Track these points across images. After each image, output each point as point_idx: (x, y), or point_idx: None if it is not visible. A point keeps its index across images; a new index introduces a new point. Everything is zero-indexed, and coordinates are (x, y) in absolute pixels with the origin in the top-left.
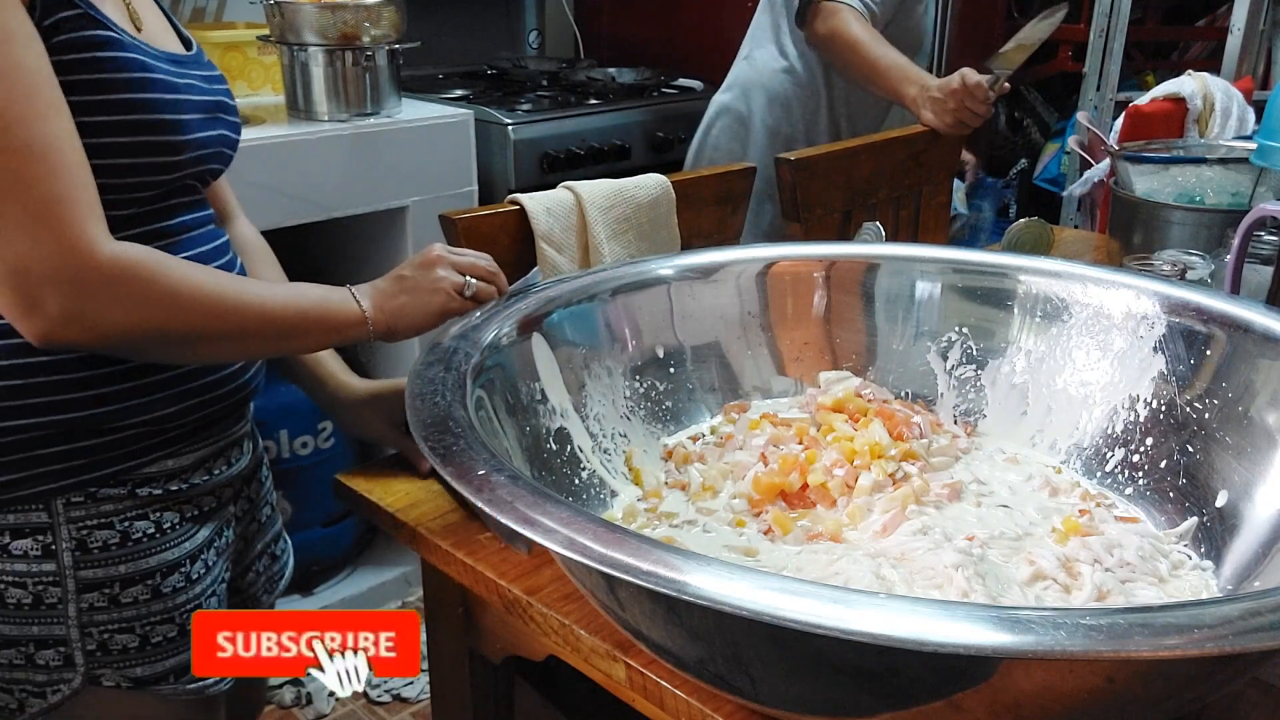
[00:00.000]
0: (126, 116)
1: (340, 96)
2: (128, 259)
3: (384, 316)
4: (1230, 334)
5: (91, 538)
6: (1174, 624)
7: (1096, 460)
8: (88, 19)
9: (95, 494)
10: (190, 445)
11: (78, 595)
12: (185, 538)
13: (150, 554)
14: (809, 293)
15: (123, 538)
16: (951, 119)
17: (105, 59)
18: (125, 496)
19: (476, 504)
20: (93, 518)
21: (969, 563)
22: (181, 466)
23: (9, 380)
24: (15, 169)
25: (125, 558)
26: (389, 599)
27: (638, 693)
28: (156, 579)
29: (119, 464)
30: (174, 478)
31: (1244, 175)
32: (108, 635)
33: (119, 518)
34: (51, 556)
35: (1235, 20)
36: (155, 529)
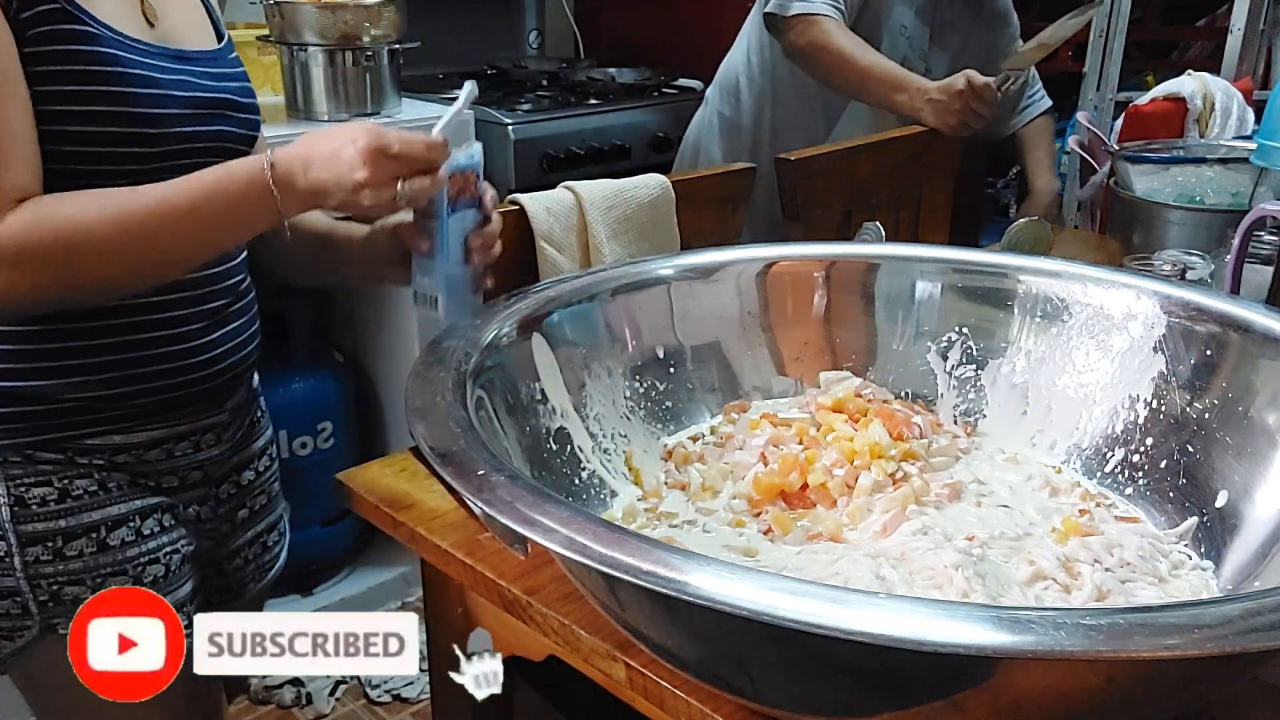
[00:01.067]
0: (97, 108)
1: (340, 96)
2: (17, 230)
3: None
4: (1230, 334)
5: (29, 494)
6: (1174, 624)
7: (1096, 460)
8: (65, 13)
9: (32, 456)
10: (143, 424)
11: (20, 549)
12: (134, 497)
13: (92, 509)
14: (809, 293)
15: (61, 494)
16: (955, 120)
17: (79, 52)
18: (64, 462)
19: (476, 504)
20: (30, 476)
21: (969, 563)
22: (131, 443)
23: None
24: None
25: (65, 513)
26: (389, 599)
27: (638, 693)
28: (101, 532)
29: (57, 432)
30: (121, 451)
31: (1244, 175)
32: (57, 587)
33: (56, 476)
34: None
35: (1235, 20)
36: (99, 487)
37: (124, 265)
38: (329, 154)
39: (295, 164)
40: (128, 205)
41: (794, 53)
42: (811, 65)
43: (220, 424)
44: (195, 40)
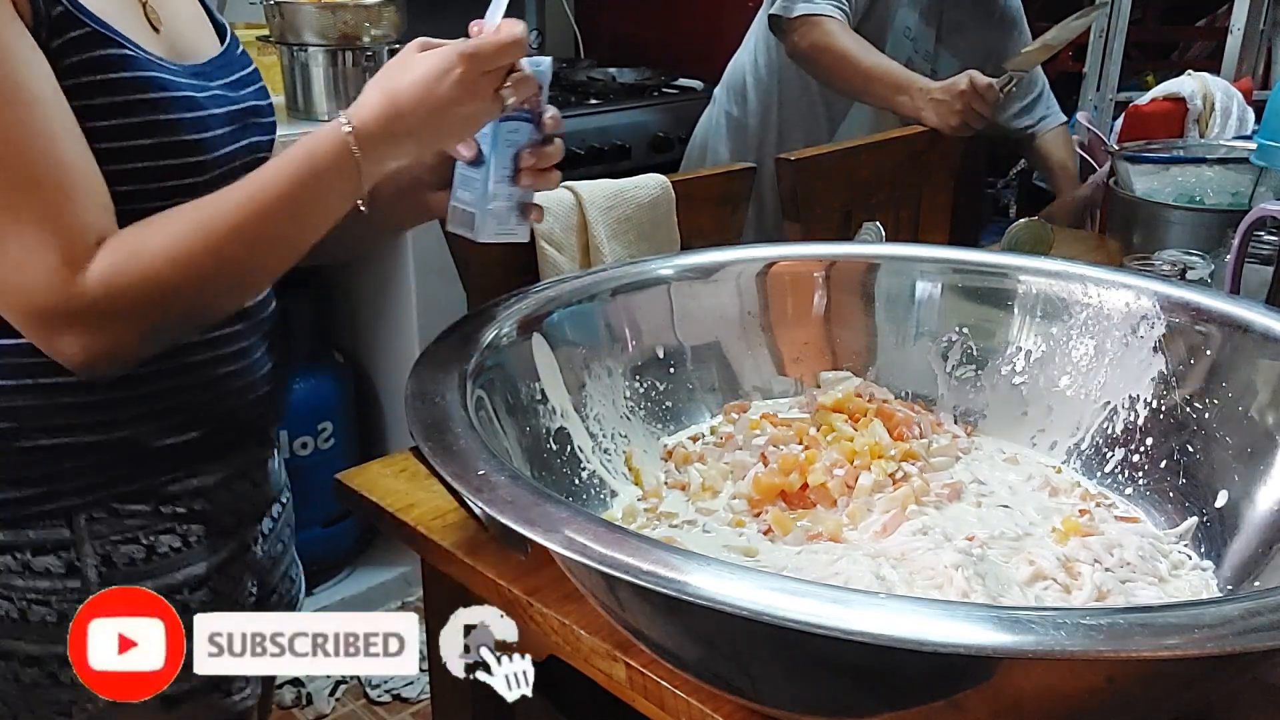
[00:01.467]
0: (146, 140)
1: (340, 97)
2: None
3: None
4: (1230, 334)
5: (116, 553)
6: (1174, 624)
7: (1096, 460)
8: (98, 37)
9: (118, 510)
10: (213, 465)
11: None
12: (211, 551)
13: (176, 568)
14: (809, 293)
15: (148, 552)
16: (957, 120)
17: (120, 80)
18: (149, 513)
19: (476, 504)
20: (117, 532)
21: (969, 563)
22: (205, 485)
23: (30, 399)
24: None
25: (151, 573)
26: (389, 599)
27: (638, 693)
28: (184, 594)
29: (143, 480)
30: (197, 496)
31: (1244, 175)
32: None
33: (144, 532)
34: (76, 573)
35: (1235, 20)
36: (181, 543)
37: (222, 287)
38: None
39: (380, 122)
40: (215, 219)
41: (796, 54)
42: (814, 66)
43: (268, 457)
44: (202, 45)
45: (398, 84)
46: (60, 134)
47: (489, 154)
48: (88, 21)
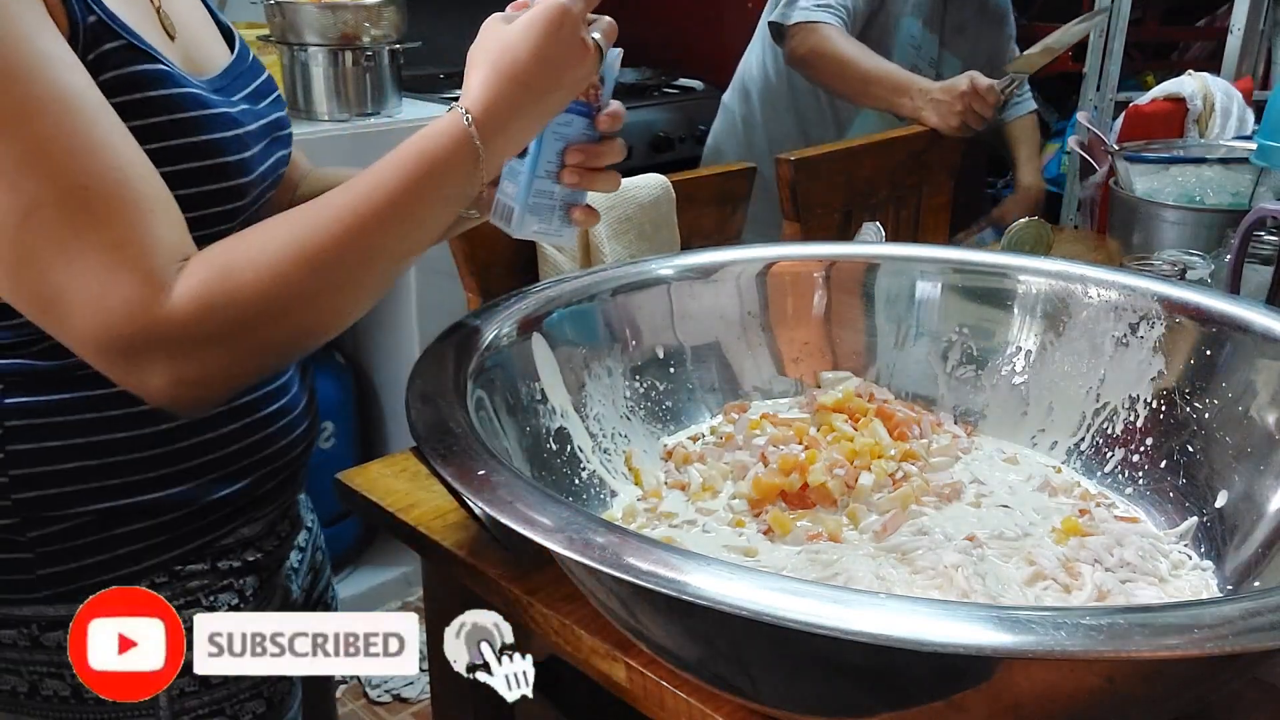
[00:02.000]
0: (190, 164)
1: (341, 96)
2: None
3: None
4: (1230, 334)
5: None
6: (1174, 624)
7: (1096, 460)
8: (134, 51)
9: (179, 572)
10: (261, 511)
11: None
12: (264, 602)
13: None
14: (809, 293)
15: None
16: (957, 121)
17: (158, 99)
18: (208, 573)
19: (476, 504)
20: (179, 596)
21: (969, 563)
22: (256, 534)
23: (78, 460)
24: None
25: None
26: (389, 599)
27: (638, 693)
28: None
29: (200, 538)
30: (249, 546)
31: (1244, 175)
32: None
33: (204, 593)
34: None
35: (1235, 20)
36: (239, 599)
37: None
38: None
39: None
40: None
41: (795, 60)
42: (813, 72)
43: (300, 491)
44: (214, 52)
45: (509, 56)
46: (122, 146)
47: (534, 145)
48: (122, 34)
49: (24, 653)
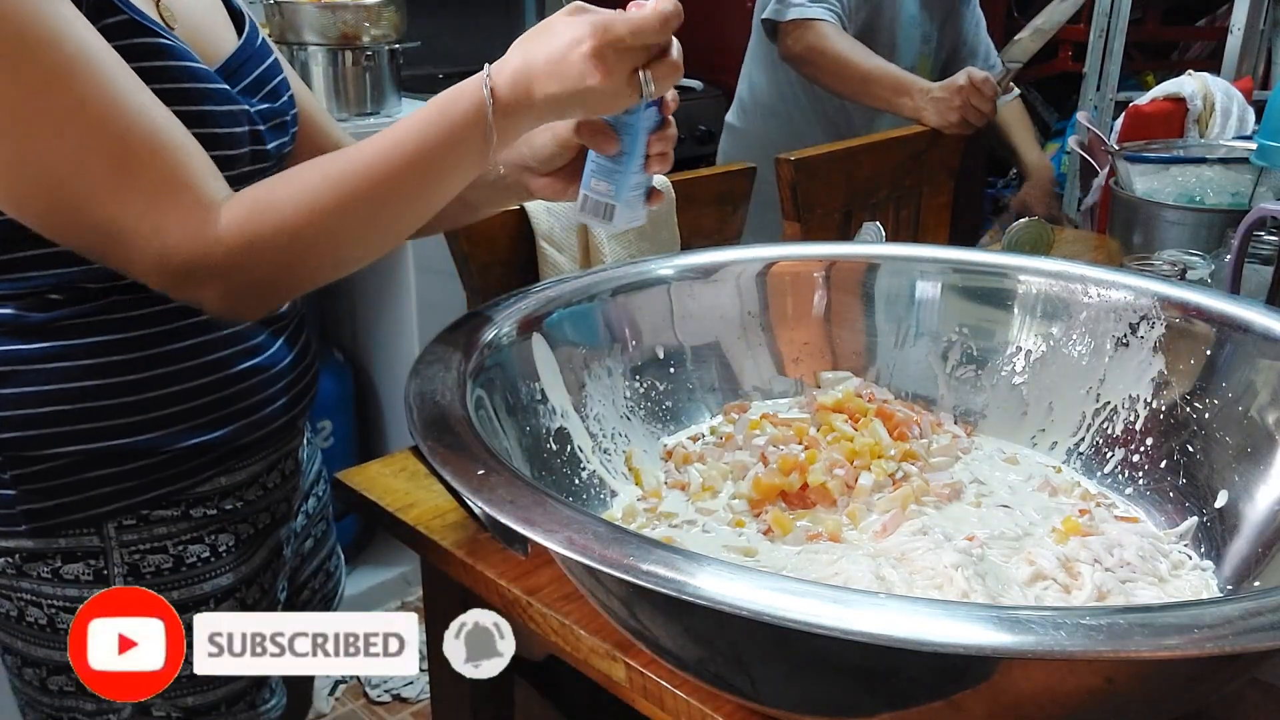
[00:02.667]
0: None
1: (340, 96)
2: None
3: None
4: (1230, 334)
5: (144, 562)
6: (1174, 624)
7: (1096, 460)
8: (134, 25)
9: (148, 516)
10: (242, 461)
11: None
12: (241, 561)
13: (204, 579)
14: (809, 293)
15: (176, 562)
16: (957, 117)
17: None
18: (179, 518)
19: (476, 504)
20: (145, 541)
21: (969, 563)
22: (235, 483)
23: (57, 405)
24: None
25: (178, 583)
26: (389, 599)
27: (638, 693)
28: (210, 605)
29: (171, 484)
30: (228, 495)
31: (1244, 175)
32: None
33: (172, 541)
34: (103, 581)
35: (1235, 20)
36: (210, 552)
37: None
38: (550, 63)
39: (516, 88)
40: (345, 174)
41: (791, 58)
42: (810, 70)
43: (298, 447)
44: (219, 39)
45: (534, 47)
46: (147, 98)
47: (631, 145)
48: (123, 8)
49: (12, 579)
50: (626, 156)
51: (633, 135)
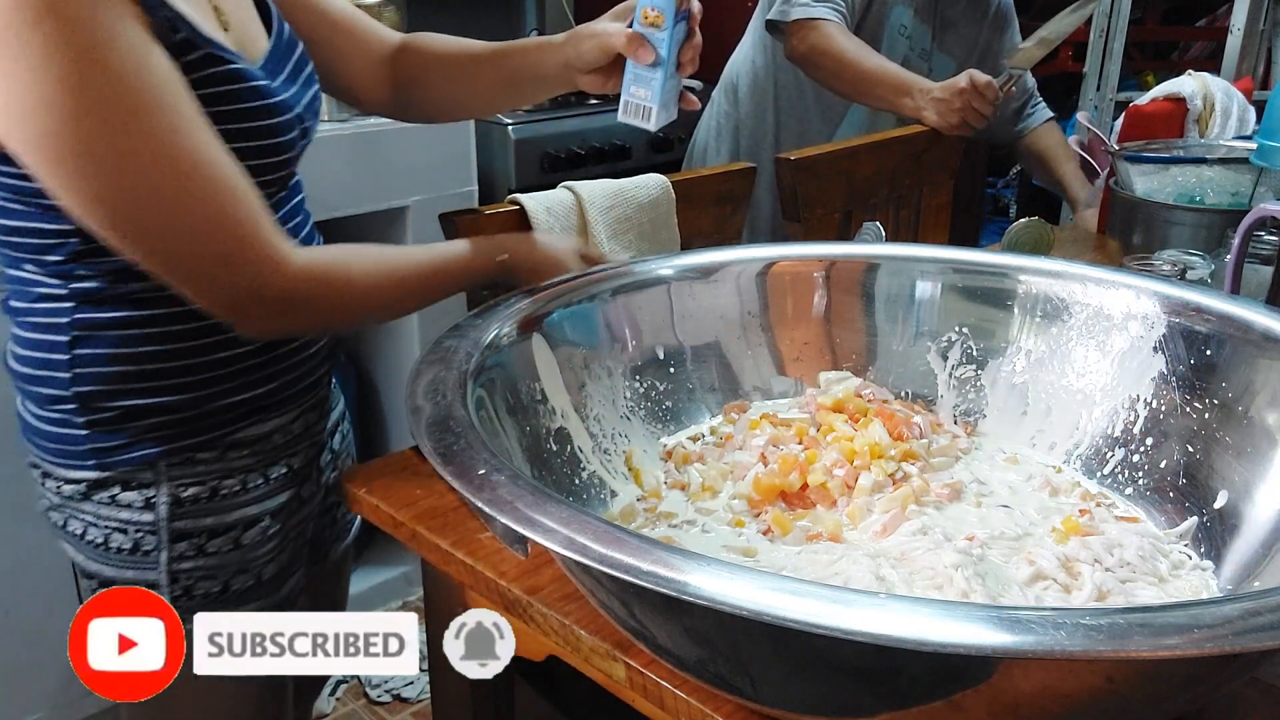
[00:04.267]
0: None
1: None
2: (313, 270)
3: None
4: (1230, 334)
5: (185, 493)
6: (1174, 624)
7: (1096, 460)
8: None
9: (192, 457)
10: (275, 413)
11: (169, 544)
12: (267, 496)
13: (233, 509)
14: (809, 293)
15: (211, 493)
16: (957, 119)
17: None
18: (217, 459)
19: (476, 504)
20: (188, 476)
21: (969, 563)
22: (265, 431)
23: (124, 366)
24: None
25: (213, 511)
26: (389, 599)
27: (638, 693)
28: (238, 530)
29: (212, 432)
30: (258, 441)
31: (1244, 175)
32: (192, 582)
33: (210, 476)
34: (151, 508)
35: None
36: (240, 486)
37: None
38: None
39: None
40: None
41: (796, 58)
42: (814, 70)
43: (325, 396)
44: (258, 33)
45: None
46: (213, 136)
47: (667, 55)
48: (203, 43)
49: (80, 503)
50: (662, 65)
51: (668, 45)
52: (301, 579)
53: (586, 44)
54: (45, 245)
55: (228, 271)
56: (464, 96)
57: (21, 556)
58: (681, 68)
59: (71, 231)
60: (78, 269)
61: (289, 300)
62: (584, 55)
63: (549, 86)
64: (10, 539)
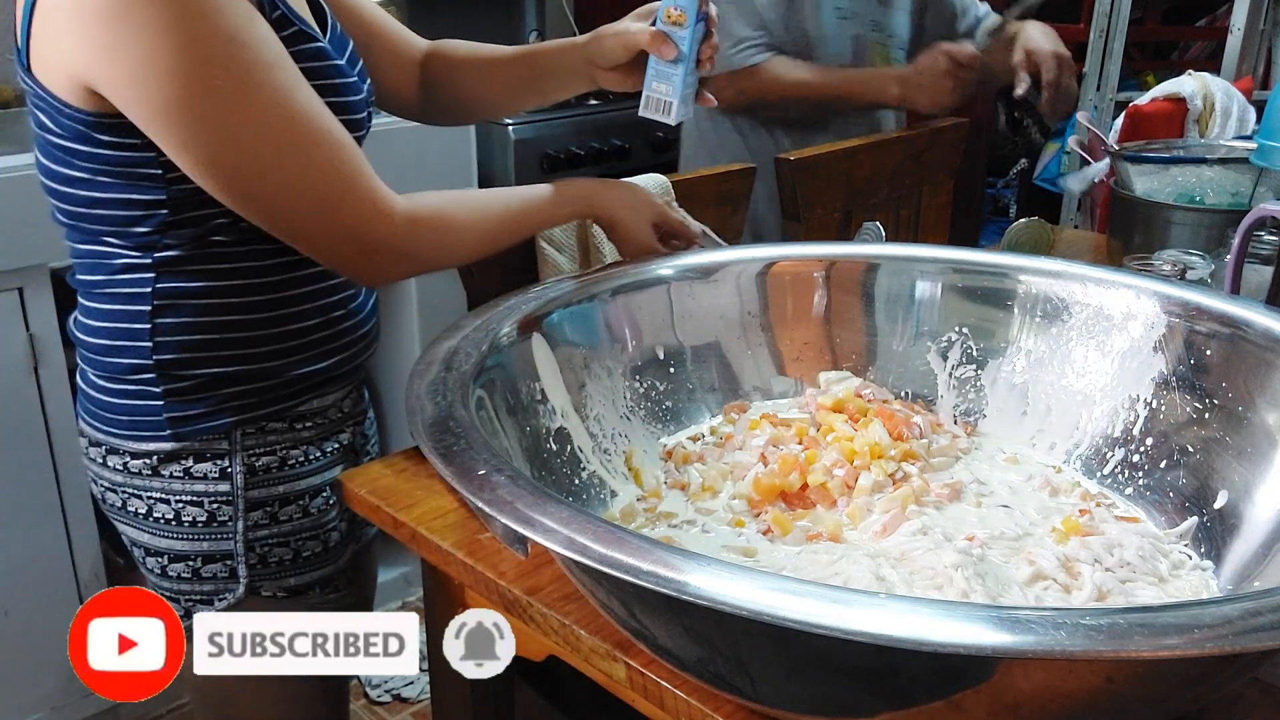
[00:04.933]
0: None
1: None
2: (417, 216)
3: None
4: (1230, 334)
5: (258, 463)
6: (1174, 624)
7: (1096, 460)
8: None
9: (264, 426)
10: (332, 388)
11: (245, 513)
12: (326, 466)
13: (301, 478)
14: (809, 293)
15: (281, 462)
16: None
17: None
18: (286, 430)
19: (476, 504)
20: (260, 446)
21: (969, 563)
22: (324, 405)
23: (204, 334)
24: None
25: (283, 479)
26: (389, 599)
27: (638, 693)
28: (306, 499)
29: (283, 403)
30: (318, 414)
31: (1244, 175)
32: (267, 549)
33: (280, 446)
34: (227, 478)
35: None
36: (304, 457)
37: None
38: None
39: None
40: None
41: (754, 104)
42: (774, 109)
43: (366, 376)
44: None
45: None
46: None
47: (688, 52)
48: (294, 21)
49: (146, 480)
50: (683, 61)
51: (690, 42)
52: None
53: (610, 42)
54: (133, 217)
55: (339, 221)
56: (489, 96)
57: (21, 556)
58: (700, 65)
59: (162, 202)
60: (164, 239)
61: (396, 246)
62: (607, 53)
63: (572, 85)
64: (10, 539)
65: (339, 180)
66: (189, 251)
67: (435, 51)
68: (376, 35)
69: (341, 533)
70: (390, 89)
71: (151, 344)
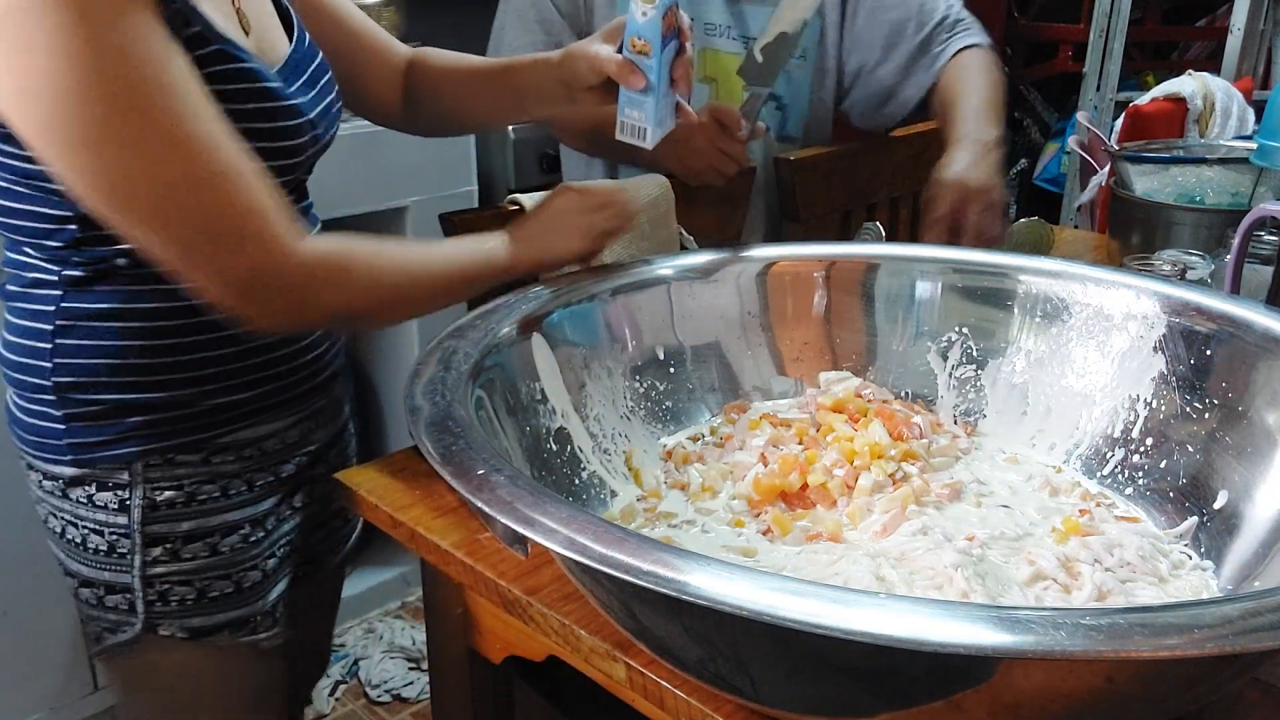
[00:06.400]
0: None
1: None
2: (324, 260)
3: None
4: (1230, 334)
5: (161, 497)
6: (1174, 624)
7: (1096, 460)
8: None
9: (173, 459)
10: (267, 419)
11: (143, 549)
12: (249, 503)
13: (212, 514)
14: (809, 293)
15: (189, 498)
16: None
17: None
18: (200, 464)
19: (476, 504)
20: (165, 480)
21: (969, 563)
22: (257, 436)
23: (106, 359)
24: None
25: (189, 516)
26: (388, 599)
27: (638, 693)
28: (216, 537)
29: (196, 434)
30: (247, 446)
31: (1244, 175)
32: (167, 587)
33: (189, 480)
34: (125, 511)
35: (1235, 20)
36: (221, 493)
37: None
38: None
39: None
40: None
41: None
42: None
43: (324, 407)
44: (277, 41)
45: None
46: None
47: (657, 81)
48: (214, 39)
49: (59, 500)
50: (653, 87)
51: (657, 70)
52: (288, 589)
53: (581, 65)
54: (45, 230)
55: (231, 257)
56: (472, 111)
57: (21, 556)
58: (675, 84)
59: (71, 217)
60: (74, 256)
61: (295, 290)
62: (580, 76)
63: (551, 103)
64: (10, 539)
65: (236, 215)
66: (95, 270)
67: (415, 61)
68: (356, 40)
69: (264, 573)
70: (373, 97)
71: (50, 364)
